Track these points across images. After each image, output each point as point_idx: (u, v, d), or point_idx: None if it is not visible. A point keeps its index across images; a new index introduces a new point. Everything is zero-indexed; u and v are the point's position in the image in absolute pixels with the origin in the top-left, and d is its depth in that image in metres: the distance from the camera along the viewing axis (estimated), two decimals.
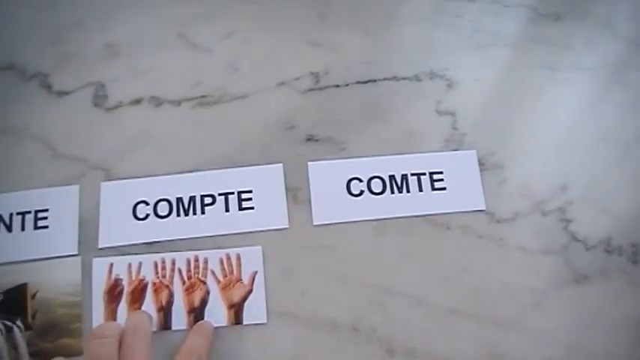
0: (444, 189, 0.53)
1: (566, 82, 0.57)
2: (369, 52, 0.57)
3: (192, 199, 0.52)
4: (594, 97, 0.57)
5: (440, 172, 0.53)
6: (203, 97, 0.56)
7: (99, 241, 0.51)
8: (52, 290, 0.50)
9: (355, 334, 0.49)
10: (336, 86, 0.56)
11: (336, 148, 0.54)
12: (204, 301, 0.50)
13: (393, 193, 0.53)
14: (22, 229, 0.52)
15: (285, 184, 0.53)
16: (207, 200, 0.52)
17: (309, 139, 0.54)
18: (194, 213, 0.52)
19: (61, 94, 0.56)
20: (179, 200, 0.52)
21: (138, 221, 0.52)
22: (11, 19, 0.59)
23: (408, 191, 0.53)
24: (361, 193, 0.53)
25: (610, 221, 0.52)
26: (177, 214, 0.52)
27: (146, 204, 0.52)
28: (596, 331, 0.49)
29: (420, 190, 0.53)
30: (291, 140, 0.54)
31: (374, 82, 0.56)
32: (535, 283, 0.51)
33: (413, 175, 0.53)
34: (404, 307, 0.50)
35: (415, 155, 0.54)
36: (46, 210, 0.52)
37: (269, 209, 0.52)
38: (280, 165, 0.53)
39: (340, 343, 0.49)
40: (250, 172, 0.53)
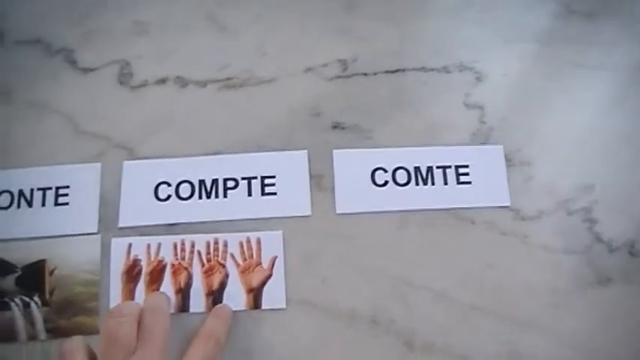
0: (469, 183, 0.52)
1: (595, 80, 0.56)
2: (398, 42, 0.57)
3: (215, 182, 0.52)
4: (623, 97, 0.55)
5: (466, 166, 0.53)
6: (229, 79, 0.55)
7: (119, 221, 0.51)
8: (71, 268, 0.50)
9: (374, 325, 0.49)
10: (364, 74, 0.55)
11: (362, 136, 0.53)
12: (222, 285, 0.49)
13: (417, 185, 0.52)
14: (43, 204, 0.52)
15: (310, 171, 0.52)
16: (230, 184, 0.52)
17: (335, 126, 0.54)
18: (216, 196, 0.51)
19: (86, 70, 0.56)
20: (201, 183, 0.52)
21: (159, 202, 0.51)
22: None
23: (432, 184, 0.52)
24: (385, 183, 0.52)
25: (635, 224, 0.51)
26: (199, 196, 0.51)
27: (168, 185, 0.52)
28: (617, 334, 0.48)
29: (445, 184, 0.52)
30: (317, 127, 0.54)
31: (402, 71, 0.55)
32: (557, 282, 0.50)
33: (438, 168, 0.52)
34: (424, 301, 0.49)
35: (441, 148, 0.53)
36: (67, 187, 0.52)
37: (292, 196, 0.51)
38: (305, 152, 0.53)
39: (359, 334, 0.48)
40: (274, 158, 0.53)
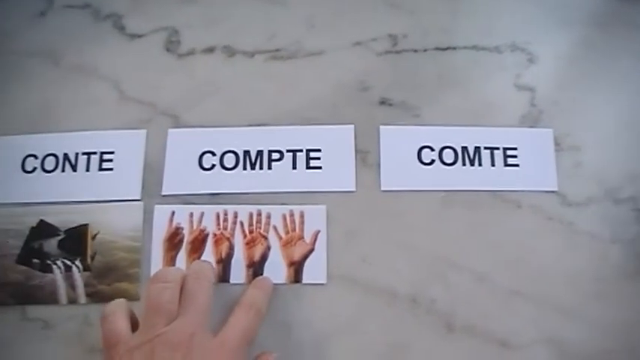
0: (516, 166, 0.51)
1: None
2: (450, 19, 0.55)
3: (260, 153, 0.51)
4: None
5: (514, 149, 0.51)
6: (277, 50, 0.55)
7: (162, 188, 0.51)
8: (113, 233, 0.50)
9: (414, 305, 0.48)
10: (414, 51, 0.54)
11: (410, 114, 0.53)
12: (264, 257, 0.49)
13: (464, 165, 0.51)
14: (87, 169, 0.52)
15: (355, 146, 0.52)
16: (275, 156, 0.51)
17: (382, 102, 0.53)
18: (260, 168, 0.51)
19: (134, 36, 0.56)
20: (246, 153, 0.51)
21: (203, 171, 0.51)
22: None
23: (480, 165, 0.51)
24: (432, 162, 0.51)
25: None
26: (244, 167, 0.51)
27: (213, 154, 0.52)
28: None
29: (492, 165, 0.51)
30: (364, 102, 0.53)
31: (453, 49, 0.54)
32: (601, 271, 0.49)
33: (486, 149, 0.51)
34: (466, 283, 0.49)
35: (490, 129, 0.52)
36: (112, 152, 0.52)
37: (337, 170, 0.51)
38: (351, 126, 0.52)
39: (399, 312, 0.48)
40: (320, 131, 0.52)
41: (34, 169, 0.52)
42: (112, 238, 0.50)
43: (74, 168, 0.52)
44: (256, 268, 0.49)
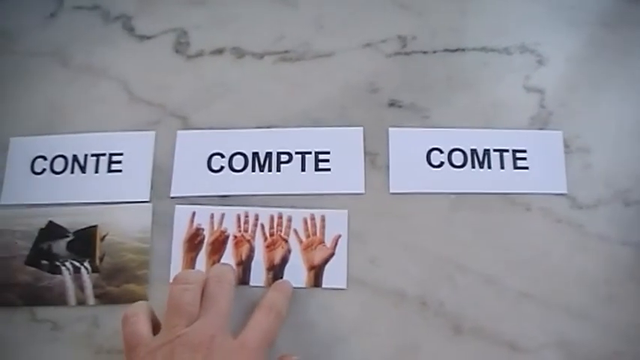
0: (526, 168, 0.51)
1: None
2: (459, 20, 0.55)
3: (269, 155, 0.51)
4: None
5: (523, 151, 0.51)
6: (286, 52, 0.54)
7: (171, 190, 0.51)
8: (122, 235, 0.50)
9: (423, 307, 0.48)
10: (423, 52, 0.54)
11: (419, 115, 0.52)
12: (284, 260, 0.49)
13: (473, 167, 0.51)
14: (96, 171, 0.52)
15: (364, 148, 0.51)
16: (284, 158, 0.51)
17: (391, 104, 0.53)
18: (269, 169, 0.51)
19: (143, 38, 0.56)
20: (255, 155, 0.51)
21: (212, 173, 0.51)
22: None
23: (489, 167, 0.51)
24: (441, 164, 0.51)
25: None
26: (252, 169, 0.51)
27: (221, 156, 0.52)
28: None
29: (502, 168, 0.51)
30: (374, 104, 0.53)
31: (462, 51, 0.54)
32: (612, 274, 0.48)
33: (495, 151, 0.51)
34: (475, 285, 0.48)
35: (499, 131, 0.52)
36: (121, 154, 0.52)
37: (346, 172, 0.51)
38: (360, 128, 0.52)
39: (407, 314, 0.48)
40: (329, 133, 0.52)
41: (43, 170, 0.52)
42: (121, 239, 0.50)
43: (83, 169, 0.52)
44: (276, 271, 0.49)
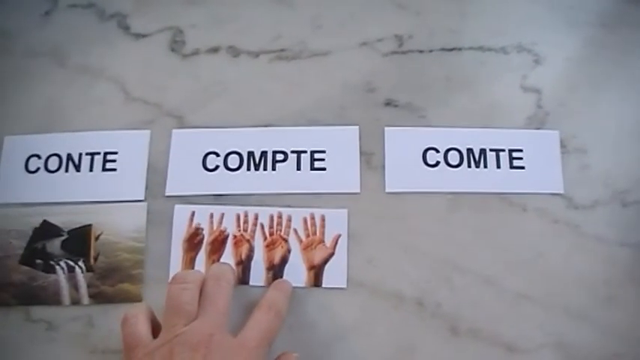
0: (522, 168, 0.51)
1: None
2: (456, 20, 0.55)
3: (264, 154, 0.51)
4: None
5: (520, 150, 0.51)
6: (282, 50, 0.54)
7: (166, 189, 0.51)
8: (116, 234, 0.50)
9: (420, 308, 0.48)
10: (420, 51, 0.54)
11: (415, 115, 0.52)
12: (284, 259, 0.49)
13: (469, 167, 0.51)
14: (91, 169, 0.52)
15: (360, 147, 0.51)
16: (279, 157, 0.51)
17: (387, 103, 0.53)
18: (264, 169, 0.51)
19: (139, 36, 0.55)
20: (250, 154, 0.51)
21: (207, 172, 0.51)
22: None
23: (485, 167, 0.51)
24: (437, 164, 0.51)
25: None
26: (248, 168, 0.51)
27: (217, 155, 0.51)
28: None
29: (498, 167, 0.51)
30: (370, 103, 0.53)
31: (459, 50, 0.54)
32: (610, 275, 0.48)
33: (492, 151, 0.51)
34: (472, 286, 0.48)
35: (495, 130, 0.52)
36: (116, 153, 0.52)
37: (341, 172, 0.51)
38: (356, 127, 0.52)
39: (404, 316, 0.48)
40: (325, 132, 0.52)
41: (37, 169, 0.52)
42: (116, 238, 0.50)
43: (78, 168, 0.52)
44: (276, 270, 0.49)
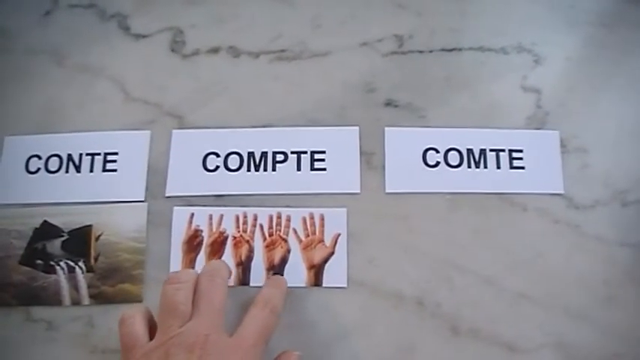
0: (522, 168, 0.51)
1: None
2: (456, 19, 0.55)
3: (264, 154, 0.51)
4: None
5: (520, 151, 0.51)
6: (282, 51, 0.54)
7: (166, 189, 0.51)
8: (117, 234, 0.50)
9: (420, 308, 0.48)
10: (420, 52, 0.54)
11: (415, 115, 0.52)
12: (284, 260, 0.49)
13: (469, 167, 0.51)
14: (91, 170, 0.52)
15: (360, 147, 0.51)
16: (279, 157, 0.51)
17: (388, 103, 0.53)
18: (265, 169, 0.51)
19: (139, 36, 0.55)
20: (250, 155, 0.51)
21: (207, 172, 0.51)
22: None
23: (485, 167, 0.51)
24: (437, 164, 0.51)
25: None
26: (248, 168, 0.51)
27: (217, 156, 0.51)
28: None
29: (498, 167, 0.51)
30: (370, 103, 0.53)
31: (459, 50, 0.54)
32: (610, 275, 0.48)
33: (492, 151, 0.51)
34: (472, 286, 0.48)
35: (495, 131, 0.52)
36: (116, 153, 0.52)
37: (341, 172, 0.51)
38: (356, 128, 0.52)
39: (404, 315, 0.48)
40: (325, 133, 0.52)
41: (37, 169, 0.52)
42: (116, 239, 0.50)
43: (78, 169, 0.52)
44: (276, 271, 0.49)
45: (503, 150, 0.51)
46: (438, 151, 0.51)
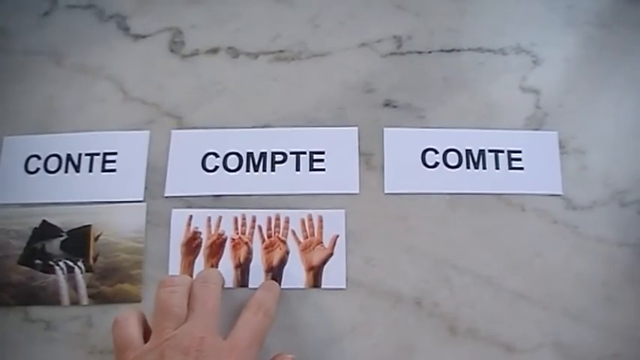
0: (521, 169, 0.51)
1: None
2: (455, 20, 0.55)
3: (263, 155, 0.51)
4: None
5: (518, 151, 0.51)
6: (281, 51, 0.54)
7: (165, 190, 0.51)
8: (116, 234, 0.50)
9: (418, 308, 0.48)
10: (419, 52, 0.54)
11: (414, 116, 0.52)
12: (283, 261, 0.49)
13: (468, 168, 0.51)
14: (90, 170, 0.52)
15: (359, 148, 0.51)
16: (278, 158, 0.51)
17: (387, 104, 0.53)
18: (264, 169, 0.51)
19: (138, 37, 0.55)
20: (249, 155, 0.51)
21: (206, 172, 0.51)
22: None
23: (484, 167, 0.51)
24: (436, 164, 0.51)
25: None
26: (247, 169, 0.51)
27: (216, 156, 0.51)
28: None
29: (497, 168, 0.51)
30: (369, 104, 0.53)
31: (458, 51, 0.54)
32: (608, 275, 0.48)
33: (490, 152, 0.51)
34: (470, 286, 0.48)
35: (494, 131, 0.52)
36: (115, 153, 0.52)
37: (340, 172, 0.51)
38: (355, 128, 0.52)
39: (403, 315, 0.48)
40: (324, 133, 0.52)
41: (37, 169, 0.52)
42: (115, 239, 0.50)
43: (77, 169, 0.52)
44: (275, 272, 0.49)
45: (502, 150, 0.51)
46: (437, 152, 0.51)
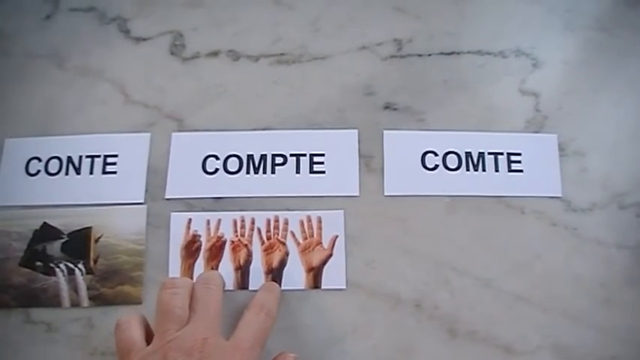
0: (520, 171, 0.51)
1: None
2: (455, 23, 0.55)
3: (264, 157, 0.51)
4: None
5: (518, 154, 0.51)
6: (282, 54, 0.55)
7: (166, 192, 0.51)
8: (116, 236, 0.50)
9: (418, 310, 0.48)
10: (419, 55, 0.54)
11: (414, 118, 0.52)
12: (282, 263, 0.49)
13: (468, 170, 0.51)
14: (91, 172, 0.52)
15: (359, 150, 0.51)
16: (279, 160, 0.51)
17: (387, 106, 0.53)
18: (264, 172, 0.51)
19: (139, 39, 0.56)
20: (250, 157, 0.51)
21: (206, 175, 0.51)
22: None
23: (483, 170, 0.51)
24: (436, 167, 0.51)
25: None
26: (247, 171, 0.51)
27: (216, 158, 0.52)
28: None
29: (496, 171, 0.51)
30: (369, 107, 0.53)
31: (457, 54, 0.54)
32: (607, 277, 0.48)
33: (490, 155, 0.51)
34: (470, 288, 0.48)
35: (494, 134, 0.52)
36: (116, 155, 0.52)
37: (340, 175, 0.51)
38: (355, 131, 0.52)
39: (402, 317, 0.48)
40: (324, 136, 0.52)
41: (37, 171, 0.52)
42: (116, 241, 0.50)
43: (78, 171, 0.52)
44: (275, 274, 0.49)
45: (501, 153, 0.51)
46: (436, 154, 0.51)
